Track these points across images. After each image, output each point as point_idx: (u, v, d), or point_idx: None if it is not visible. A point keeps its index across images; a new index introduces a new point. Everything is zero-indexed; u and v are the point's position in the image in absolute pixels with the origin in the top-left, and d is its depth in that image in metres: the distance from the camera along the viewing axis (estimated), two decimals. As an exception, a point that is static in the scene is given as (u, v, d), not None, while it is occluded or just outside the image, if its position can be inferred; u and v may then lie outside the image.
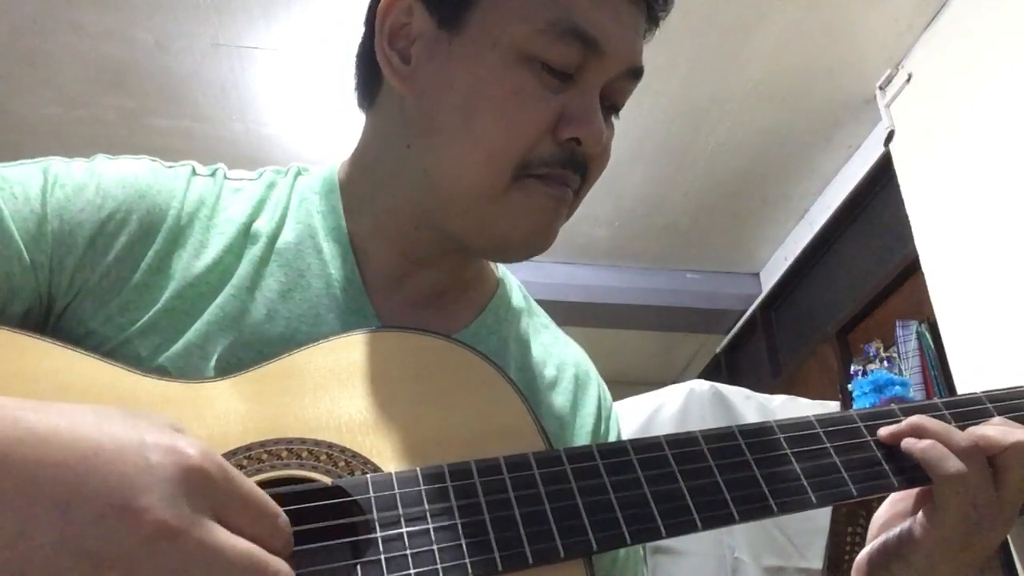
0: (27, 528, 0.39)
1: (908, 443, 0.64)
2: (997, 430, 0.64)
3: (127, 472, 0.41)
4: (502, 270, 0.82)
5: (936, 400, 0.69)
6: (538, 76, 0.64)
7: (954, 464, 0.62)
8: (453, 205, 0.67)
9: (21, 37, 2.62)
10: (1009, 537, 2.28)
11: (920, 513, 0.65)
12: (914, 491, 0.67)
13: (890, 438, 0.65)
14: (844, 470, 0.63)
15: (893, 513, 0.69)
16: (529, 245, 0.68)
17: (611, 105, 0.70)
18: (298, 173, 0.75)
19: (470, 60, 0.65)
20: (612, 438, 0.80)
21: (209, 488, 0.43)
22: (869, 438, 0.65)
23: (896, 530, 0.67)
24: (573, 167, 0.66)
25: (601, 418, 0.79)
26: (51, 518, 0.39)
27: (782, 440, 0.63)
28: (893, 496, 0.70)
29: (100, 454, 0.41)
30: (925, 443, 0.63)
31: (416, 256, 0.71)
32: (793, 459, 0.62)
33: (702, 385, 2.47)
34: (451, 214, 0.68)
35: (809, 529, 2.28)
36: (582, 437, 0.76)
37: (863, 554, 0.70)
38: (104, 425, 0.43)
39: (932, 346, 2.61)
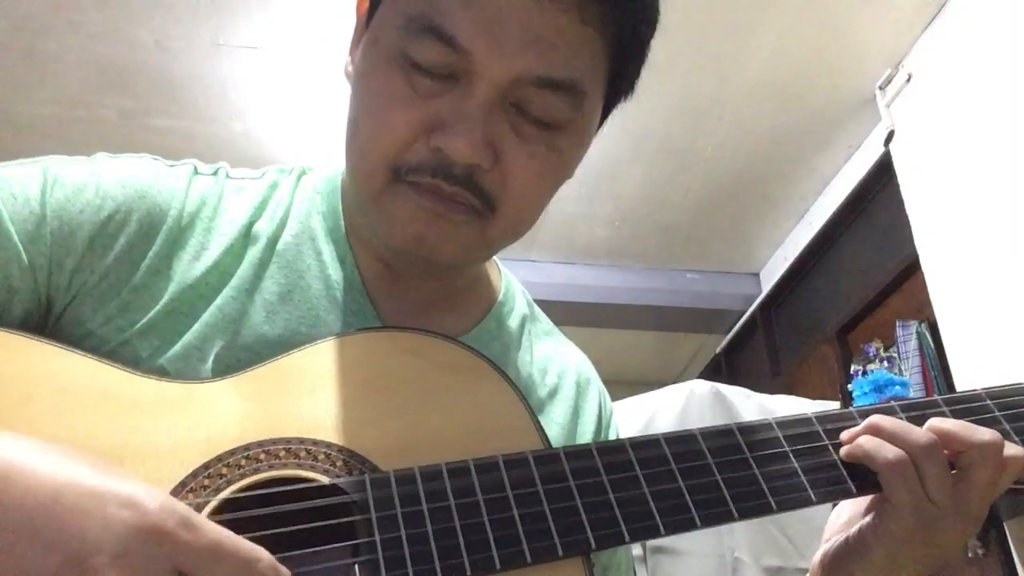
0: None
1: (845, 448, 0.63)
2: (959, 426, 0.63)
3: (83, 525, 0.40)
4: (506, 276, 0.82)
5: (937, 397, 0.69)
6: (407, 76, 0.61)
7: (891, 451, 0.61)
8: (354, 204, 0.69)
9: (21, 37, 2.62)
10: (1009, 537, 2.28)
11: (874, 504, 0.64)
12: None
13: (849, 438, 0.64)
14: (843, 467, 0.63)
15: (855, 512, 0.68)
16: (409, 252, 0.65)
17: (536, 120, 0.63)
18: (302, 173, 0.75)
19: (363, 58, 0.65)
20: None
21: (168, 544, 0.41)
22: None
23: (856, 527, 0.66)
24: (448, 178, 0.61)
25: (601, 425, 0.79)
26: (4, 564, 0.39)
27: (781, 438, 0.63)
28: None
29: (59, 502, 0.41)
30: (861, 439, 0.62)
31: (396, 266, 0.71)
32: (792, 456, 0.62)
33: (702, 385, 2.46)
34: (358, 214, 0.69)
35: (809, 529, 2.27)
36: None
37: (818, 555, 0.69)
38: (67, 472, 0.42)
39: (932, 346, 2.60)
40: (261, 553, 0.44)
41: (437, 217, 0.62)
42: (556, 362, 0.79)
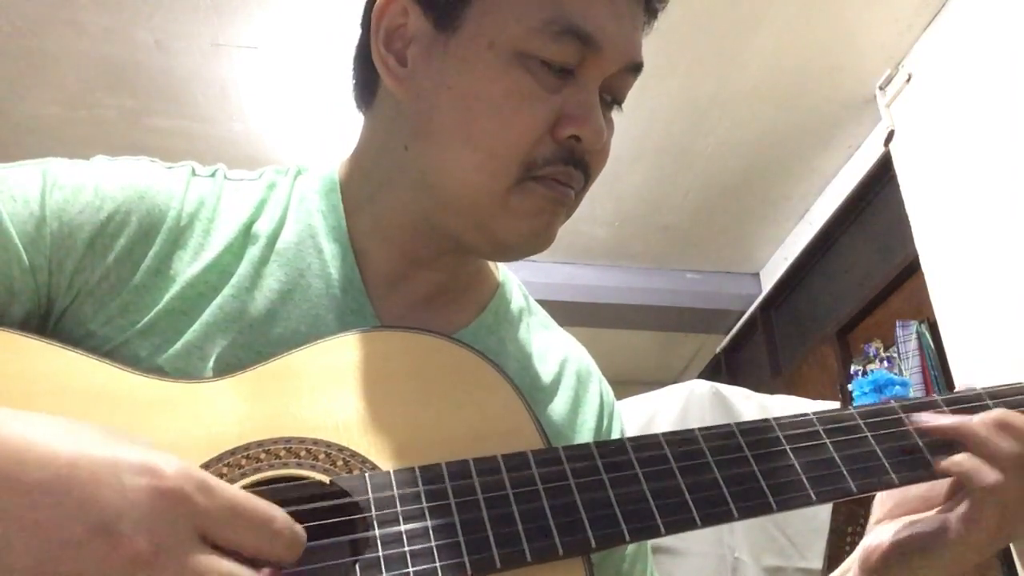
0: (1, 550, 0.39)
1: (949, 463, 0.63)
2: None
3: (102, 494, 0.41)
4: (503, 270, 0.82)
5: (936, 397, 0.69)
6: (535, 75, 0.63)
7: (991, 475, 0.61)
8: (452, 206, 0.67)
9: (21, 37, 2.62)
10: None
11: (958, 513, 0.63)
12: (942, 481, 0.65)
13: (934, 431, 0.64)
14: (843, 466, 0.62)
15: (917, 496, 0.68)
16: (528, 246, 0.68)
17: (612, 100, 0.69)
18: (298, 173, 0.75)
19: (467, 61, 0.64)
20: (615, 434, 0.80)
21: (187, 507, 0.42)
22: (868, 434, 0.65)
23: (924, 526, 0.65)
24: (575, 165, 0.66)
25: (603, 414, 0.79)
26: (26, 541, 0.39)
27: (781, 437, 0.63)
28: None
29: (75, 475, 0.41)
30: (960, 457, 0.62)
31: (415, 256, 0.71)
32: (792, 456, 0.62)
33: (702, 385, 2.46)
34: (450, 215, 0.67)
35: (809, 529, 2.28)
36: (584, 434, 0.76)
37: (877, 542, 0.67)
38: (80, 442, 0.43)
39: (932, 346, 2.61)
40: (277, 511, 0.46)
41: (560, 206, 0.67)
42: (555, 353, 0.79)
